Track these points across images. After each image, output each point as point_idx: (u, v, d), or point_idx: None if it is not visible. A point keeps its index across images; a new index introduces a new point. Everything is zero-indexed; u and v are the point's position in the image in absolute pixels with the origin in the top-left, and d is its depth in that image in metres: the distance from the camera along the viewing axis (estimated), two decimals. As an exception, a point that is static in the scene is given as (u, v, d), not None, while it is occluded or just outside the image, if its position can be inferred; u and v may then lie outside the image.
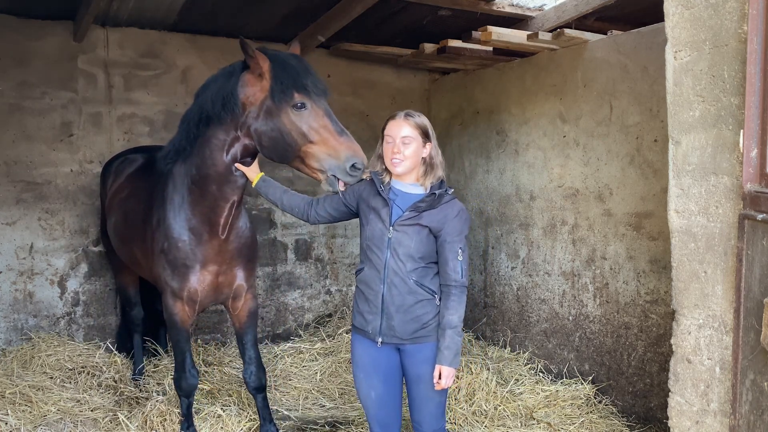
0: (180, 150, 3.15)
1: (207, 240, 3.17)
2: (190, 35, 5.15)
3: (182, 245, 3.17)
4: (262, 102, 2.83)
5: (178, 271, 3.20)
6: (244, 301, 3.45)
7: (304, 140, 2.76)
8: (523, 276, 5.06)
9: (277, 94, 2.77)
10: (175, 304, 3.28)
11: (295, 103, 2.75)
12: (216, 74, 3.05)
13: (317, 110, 2.78)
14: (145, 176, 3.81)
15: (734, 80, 1.79)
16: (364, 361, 2.73)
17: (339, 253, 5.93)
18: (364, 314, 2.69)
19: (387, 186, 2.67)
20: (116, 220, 3.89)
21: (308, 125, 2.76)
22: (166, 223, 3.22)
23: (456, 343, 2.56)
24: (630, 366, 4.12)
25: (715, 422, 1.90)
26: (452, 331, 2.55)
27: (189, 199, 3.15)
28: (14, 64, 4.61)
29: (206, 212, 3.12)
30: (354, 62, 5.67)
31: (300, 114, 2.76)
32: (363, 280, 2.70)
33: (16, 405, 3.79)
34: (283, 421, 3.94)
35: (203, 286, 3.24)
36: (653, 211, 3.93)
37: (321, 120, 2.77)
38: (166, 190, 3.26)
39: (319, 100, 2.81)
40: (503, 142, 5.22)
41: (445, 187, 2.66)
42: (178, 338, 3.36)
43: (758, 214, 1.67)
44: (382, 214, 2.64)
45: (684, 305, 2.01)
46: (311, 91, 2.78)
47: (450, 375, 2.56)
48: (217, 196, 3.06)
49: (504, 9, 4.41)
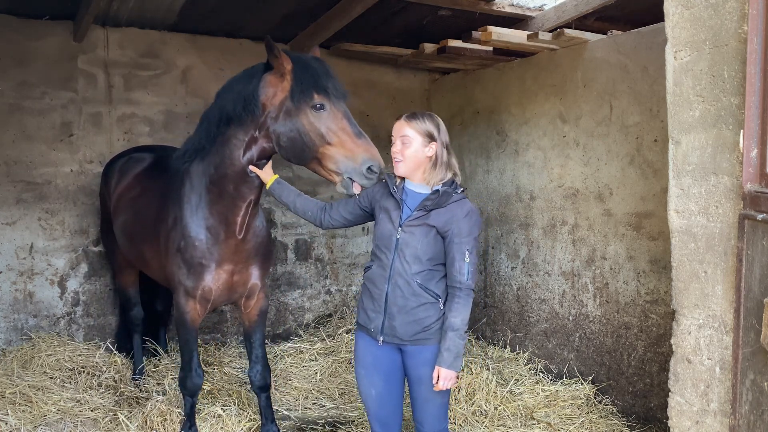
0: (199, 149, 3.16)
1: (224, 239, 3.19)
2: (190, 35, 5.15)
3: (199, 244, 3.19)
4: (281, 102, 2.84)
5: (194, 269, 3.21)
6: (256, 300, 3.47)
7: (322, 141, 2.77)
8: (523, 276, 5.06)
9: (297, 95, 2.78)
10: (187, 303, 3.29)
11: (314, 104, 2.76)
12: (238, 75, 3.06)
13: (336, 112, 2.79)
14: (156, 175, 3.82)
15: (734, 80, 1.79)
16: (365, 359, 2.74)
17: (339, 253, 5.93)
18: (368, 312, 2.70)
19: (400, 187, 2.69)
20: (125, 220, 3.88)
21: (326, 126, 2.77)
22: (183, 222, 3.23)
23: (457, 346, 2.53)
24: (630, 366, 4.12)
25: (715, 422, 1.90)
26: (454, 333, 2.53)
27: (207, 198, 3.17)
28: (14, 64, 4.61)
29: (224, 211, 3.14)
30: (354, 62, 5.67)
31: (319, 115, 2.77)
32: (370, 277, 2.72)
33: (16, 405, 3.79)
34: (283, 421, 3.94)
35: (218, 284, 3.25)
36: (653, 211, 3.93)
37: (339, 122, 2.77)
38: (183, 189, 3.26)
39: (338, 102, 2.81)
40: (503, 142, 5.22)
41: (455, 187, 2.64)
42: (187, 337, 3.37)
43: (758, 214, 1.67)
44: (392, 215, 2.65)
45: (684, 305, 2.01)
46: (331, 93, 2.79)
47: (448, 378, 2.53)
48: (235, 196, 3.08)
49: (504, 9, 4.41)
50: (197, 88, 5.21)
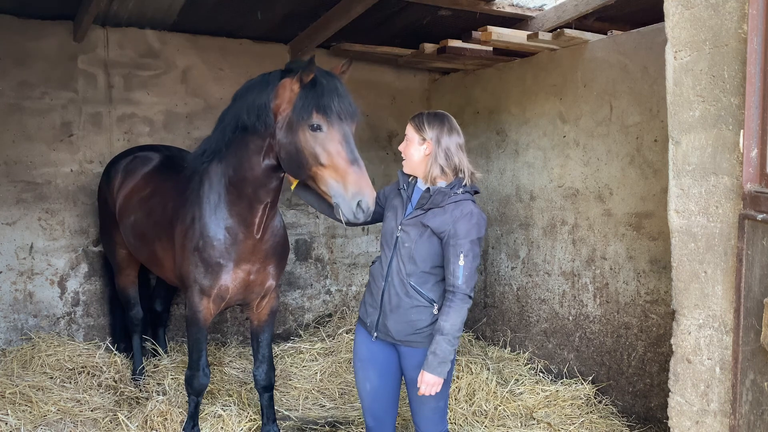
0: (217, 151, 3.16)
1: (242, 240, 3.19)
2: (190, 35, 5.15)
3: (218, 244, 3.19)
4: (287, 115, 2.82)
5: (212, 269, 3.21)
6: (269, 299, 3.49)
7: (315, 162, 2.73)
8: (523, 276, 5.06)
9: (297, 111, 2.74)
10: (201, 302, 3.29)
11: (311, 124, 2.71)
12: (255, 80, 3.01)
13: (334, 134, 2.71)
14: (168, 175, 3.82)
15: (734, 80, 1.79)
16: (362, 353, 2.76)
17: (339, 253, 5.93)
18: (367, 306, 2.73)
19: (411, 184, 2.71)
20: (136, 219, 3.87)
21: (322, 147, 2.71)
22: (202, 221, 3.23)
23: (444, 351, 2.43)
24: (630, 366, 4.12)
25: (715, 422, 1.90)
26: (442, 337, 2.44)
27: (227, 198, 3.17)
28: (14, 64, 4.61)
29: (242, 212, 3.14)
30: (354, 62, 5.63)
31: (315, 135, 2.72)
32: (372, 273, 2.75)
33: (16, 405, 3.79)
34: (283, 421, 3.94)
35: (235, 284, 3.26)
36: (653, 211, 3.93)
37: (335, 145, 2.71)
38: (201, 189, 3.26)
39: (339, 124, 2.73)
40: (503, 142, 5.22)
41: (458, 187, 2.59)
42: (197, 336, 3.38)
43: (758, 214, 1.67)
44: (398, 212, 2.68)
45: (684, 305, 2.01)
46: (333, 114, 2.72)
47: (431, 383, 2.44)
48: (252, 198, 3.08)
49: (504, 9, 4.41)
50: (197, 88, 5.21)
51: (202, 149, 3.28)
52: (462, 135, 2.74)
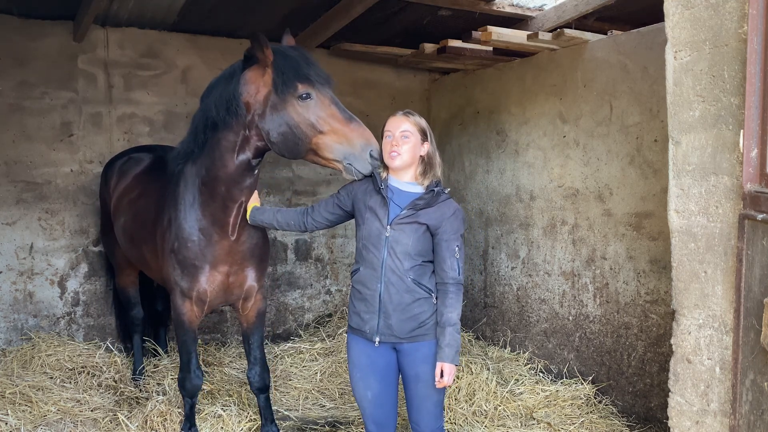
0: (189, 152, 3.15)
1: (217, 240, 3.17)
2: (190, 35, 5.15)
3: (192, 245, 3.17)
4: (266, 98, 2.79)
5: (188, 271, 3.20)
6: (254, 301, 3.45)
7: (314, 131, 2.72)
8: (523, 276, 5.06)
9: (280, 87, 2.73)
10: (183, 304, 3.27)
11: (299, 94, 2.71)
12: (217, 77, 3.02)
13: (323, 99, 2.74)
14: (155, 176, 3.81)
15: (734, 80, 1.79)
16: (361, 361, 2.74)
17: (339, 253, 5.93)
18: (361, 314, 2.70)
19: (384, 183, 2.68)
20: (126, 220, 3.88)
21: (316, 115, 2.72)
22: (177, 222, 3.22)
23: (456, 341, 2.57)
24: (630, 366, 4.12)
25: (715, 422, 1.90)
26: (452, 328, 2.57)
27: (200, 199, 3.15)
28: (14, 64, 4.61)
29: (216, 213, 3.11)
30: (354, 62, 5.67)
31: (306, 105, 2.72)
32: (359, 280, 2.71)
33: (16, 405, 3.79)
34: (283, 421, 3.94)
35: (213, 286, 3.23)
36: (653, 211, 3.93)
37: (328, 109, 2.73)
38: (177, 190, 3.25)
39: (323, 88, 2.76)
40: (503, 142, 5.22)
41: (441, 187, 2.69)
42: (185, 338, 3.36)
43: (758, 214, 1.67)
44: (379, 212, 2.64)
45: (684, 305, 2.01)
46: (315, 80, 2.74)
47: (452, 372, 2.57)
48: (225, 197, 3.06)
49: (504, 9, 4.41)
50: (197, 88, 5.19)
51: (177, 151, 3.26)
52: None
